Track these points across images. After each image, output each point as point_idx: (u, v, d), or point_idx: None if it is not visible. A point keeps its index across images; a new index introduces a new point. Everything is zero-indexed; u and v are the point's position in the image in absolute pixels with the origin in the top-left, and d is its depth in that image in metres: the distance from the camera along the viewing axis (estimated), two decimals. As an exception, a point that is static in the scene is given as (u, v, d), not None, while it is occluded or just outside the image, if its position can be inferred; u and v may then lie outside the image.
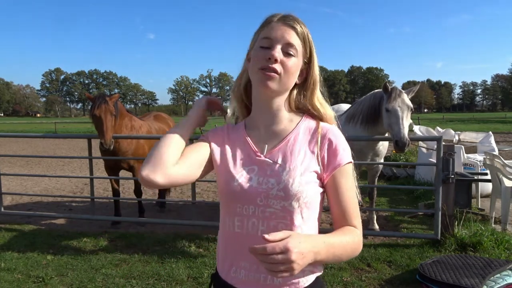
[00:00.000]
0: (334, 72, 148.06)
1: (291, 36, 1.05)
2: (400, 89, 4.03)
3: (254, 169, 1.07)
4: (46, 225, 5.05)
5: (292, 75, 1.07)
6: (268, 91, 1.06)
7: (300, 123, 1.13)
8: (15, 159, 11.78)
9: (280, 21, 1.07)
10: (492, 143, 7.25)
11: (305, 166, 1.04)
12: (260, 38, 1.07)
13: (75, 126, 40.50)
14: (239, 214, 1.05)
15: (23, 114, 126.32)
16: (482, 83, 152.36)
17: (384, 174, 8.02)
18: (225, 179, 1.09)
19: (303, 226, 1.04)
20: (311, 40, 1.10)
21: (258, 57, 1.04)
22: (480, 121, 43.75)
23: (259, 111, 1.14)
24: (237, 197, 1.05)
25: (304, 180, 1.02)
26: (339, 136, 1.10)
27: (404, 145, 3.77)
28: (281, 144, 1.09)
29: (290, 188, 1.01)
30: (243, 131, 1.16)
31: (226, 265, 1.09)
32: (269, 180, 1.04)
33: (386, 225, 4.96)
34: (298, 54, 1.06)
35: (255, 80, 1.07)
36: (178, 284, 3.31)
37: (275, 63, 1.02)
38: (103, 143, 4.39)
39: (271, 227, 1.02)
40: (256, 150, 1.11)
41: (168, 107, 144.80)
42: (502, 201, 4.60)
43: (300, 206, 1.02)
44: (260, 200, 1.03)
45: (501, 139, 18.28)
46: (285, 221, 1.02)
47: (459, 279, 2.95)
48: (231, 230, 1.07)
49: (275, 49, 1.03)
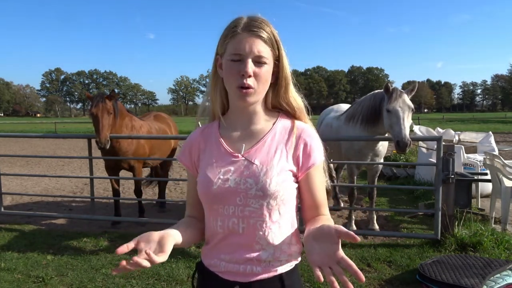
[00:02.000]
0: (334, 72, 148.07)
1: (259, 47, 1.05)
2: (401, 89, 4.04)
3: (230, 170, 1.10)
4: (46, 225, 5.05)
5: (266, 82, 1.09)
6: (247, 105, 1.10)
7: (276, 123, 1.16)
8: (15, 159, 11.77)
9: (246, 32, 1.05)
10: (492, 143, 7.25)
11: (281, 166, 1.08)
12: (230, 52, 1.06)
13: (75, 126, 40.51)
14: (221, 214, 1.10)
15: (23, 114, 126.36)
16: (482, 83, 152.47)
17: (384, 174, 8.02)
18: (203, 183, 1.11)
19: (280, 221, 1.10)
20: (278, 39, 1.10)
21: (232, 73, 1.06)
22: (480, 121, 43.75)
23: (237, 114, 1.15)
24: (217, 199, 1.09)
25: (280, 179, 1.07)
26: (313, 135, 1.15)
27: (406, 145, 3.77)
28: (258, 144, 1.12)
29: (268, 187, 1.05)
30: (217, 132, 1.18)
31: (209, 256, 1.16)
32: (247, 180, 1.07)
33: (386, 225, 4.96)
34: (268, 60, 1.08)
35: (232, 94, 1.10)
36: (178, 284, 3.31)
37: (249, 78, 1.04)
38: (98, 142, 4.39)
39: (250, 224, 1.07)
40: (231, 151, 1.12)
41: (168, 107, 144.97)
42: (502, 201, 4.60)
43: (277, 204, 1.08)
44: (240, 200, 1.07)
45: (501, 139, 18.28)
46: (264, 218, 1.07)
47: (459, 279, 2.95)
48: (214, 228, 1.12)
49: (247, 64, 1.04)
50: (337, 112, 5.22)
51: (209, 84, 1.19)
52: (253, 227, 1.07)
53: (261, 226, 1.07)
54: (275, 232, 1.08)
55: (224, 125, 1.17)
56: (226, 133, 1.16)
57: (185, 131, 22.01)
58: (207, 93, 1.23)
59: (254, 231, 1.07)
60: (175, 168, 10.17)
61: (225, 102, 1.17)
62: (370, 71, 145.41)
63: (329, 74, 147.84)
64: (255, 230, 1.07)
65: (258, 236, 1.07)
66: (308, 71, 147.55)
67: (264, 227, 1.07)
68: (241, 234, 1.08)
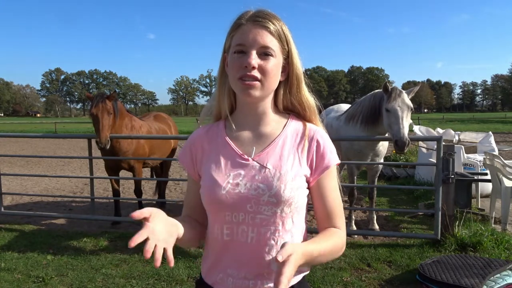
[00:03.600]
0: (334, 72, 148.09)
1: (264, 37, 0.99)
2: (400, 89, 4.03)
3: (240, 174, 1.02)
4: (46, 225, 5.05)
5: (274, 77, 1.02)
6: (251, 99, 1.03)
7: (287, 125, 1.09)
8: (15, 159, 11.77)
9: (250, 22, 1.00)
10: (492, 143, 7.25)
11: (296, 171, 1.02)
12: (234, 44, 1.01)
13: (75, 126, 40.50)
14: (228, 222, 1.02)
15: (23, 114, 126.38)
16: (482, 83, 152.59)
17: (384, 174, 8.02)
18: (209, 187, 1.03)
19: (293, 229, 1.03)
20: (288, 34, 1.04)
21: (235, 66, 1.00)
22: (480, 121, 43.76)
23: (245, 113, 1.09)
24: (225, 205, 1.01)
25: (295, 185, 1.00)
26: (325, 138, 1.09)
27: (404, 144, 3.76)
28: (270, 147, 1.05)
29: (282, 194, 0.98)
30: (223, 132, 1.10)
31: (213, 271, 1.07)
32: (259, 186, 1.00)
33: (386, 225, 4.96)
34: (276, 54, 1.01)
35: (236, 89, 1.03)
36: (178, 284, 3.31)
37: (252, 70, 0.98)
38: (98, 142, 4.40)
39: (261, 233, 1.00)
40: (241, 153, 1.05)
41: (168, 107, 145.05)
42: (502, 201, 4.60)
43: (291, 211, 1.01)
44: (250, 207, 0.99)
45: (501, 139, 18.29)
46: (276, 226, 1.00)
47: (459, 279, 2.95)
48: (219, 238, 1.04)
49: (251, 55, 0.98)
50: (338, 112, 5.22)
51: (216, 84, 1.13)
52: (264, 236, 0.99)
53: (273, 235, 0.99)
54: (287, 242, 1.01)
55: (231, 126, 1.09)
56: (233, 134, 1.09)
57: (185, 131, 22.01)
58: (214, 93, 1.18)
59: (265, 241, 0.99)
60: (175, 168, 10.19)
61: (233, 101, 1.11)
62: (370, 71, 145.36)
63: (329, 74, 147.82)
64: (266, 240, 0.99)
65: (269, 246, 1.00)
66: (308, 71, 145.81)
67: (277, 237, 1.00)
68: (249, 244, 1.00)
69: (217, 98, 1.12)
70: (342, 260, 3.68)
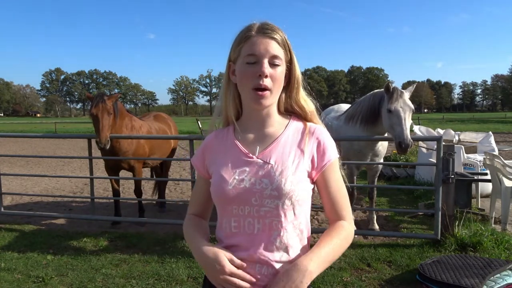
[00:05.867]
0: (334, 72, 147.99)
1: (274, 48, 1.10)
2: (401, 89, 4.02)
3: (245, 171, 1.11)
4: (46, 225, 5.05)
5: (281, 83, 1.13)
6: (262, 108, 1.14)
7: (289, 125, 1.19)
8: (15, 159, 11.77)
9: (259, 34, 1.10)
10: (492, 143, 7.25)
11: (296, 166, 1.10)
12: (244, 54, 1.10)
13: (75, 126, 40.50)
14: (236, 215, 1.11)
15: (23, 114, 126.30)
16: (482, 83, 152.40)
17: (384, 174, 8.02)
18: (218, 183, 1.13)
19: (294, 221, 1.11)
20: (289, 42, 1.15)
21: (247, 75, 1.09)
22: (480, 121, 43.76)
23: (251, 118, 1.18)
24: (232, 199, 1.10)
25: (296, 179, 1.08)
26: (325, 134, 1.18)
27: (408, 146, 3.74)
28: (272, 145, 1.14)
29: (283, 187, 1.06)
30: (232, 135, 1.20)
31: None
32: (262, 180, 1.08)
33: (386, 225, 4.96)
34: (282, 62, 1.12)
35: (247, 98, 1.12)
36: (178, 284, 3.31)
37: (265, 79, 1.07)
38: (98, 142, 4.40)
39: (266, 224, 1.08)
40: (246, 152, 1.14)
41: (168, 107, 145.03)
42: (502, 201, 4.60)
43: (292, 204, 1.08)
44: (255, 200, 1.08)
45: (501, 139, 18.29)
46: (279, 218, 1.08)
47: (459, 279, 2.95)
48: (227, 230, 1.13)
49: (263, 64, 1.07)
50: (337, 112, 5.22)
51: (221, 92, 1.23)
52: (268, 227, 1.08)
53: (277, 226, 1.08)
54: (290, 233, 1.09)
55: (238, 129, 1.19)
56: (240, 137, 1.19)
57: (185, 131, 22.02)
58: (219, 100, 1.25)
59: (269, 231, 1.08)
60: (175, 168, 10.19)
61: (239, 107, 1.21)
62: (370, 71, 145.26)
63: (329, 74, 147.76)
64: (271, 230, 1.08)
65: (273, 236, 1.08)
66: (308, 71, 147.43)
67: (280, 227, 1.08)
68: (256, 234, 1.09)
69: (224, 105, 1.22)
70: (342, 260, 3.68)
